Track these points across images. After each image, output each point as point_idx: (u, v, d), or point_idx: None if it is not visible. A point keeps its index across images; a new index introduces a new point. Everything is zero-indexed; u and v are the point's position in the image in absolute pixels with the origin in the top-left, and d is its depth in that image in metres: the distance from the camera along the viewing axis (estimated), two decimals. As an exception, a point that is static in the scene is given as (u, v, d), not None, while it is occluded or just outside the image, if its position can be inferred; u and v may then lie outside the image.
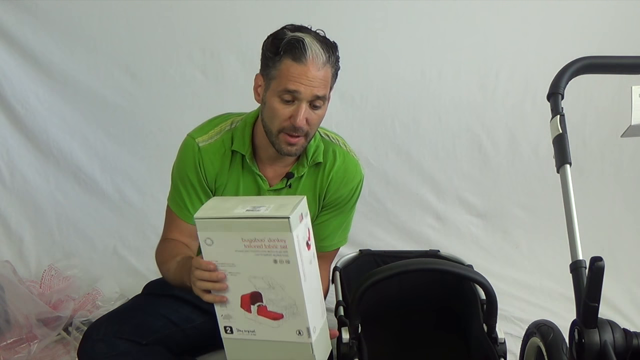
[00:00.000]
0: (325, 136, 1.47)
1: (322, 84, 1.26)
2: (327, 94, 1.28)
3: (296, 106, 1.26)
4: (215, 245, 1.07)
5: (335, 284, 1.60)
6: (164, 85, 2.33)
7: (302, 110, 1.26)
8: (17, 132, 2.29)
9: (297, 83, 1.23)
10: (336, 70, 1.31)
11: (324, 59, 1.24)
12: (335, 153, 1.45)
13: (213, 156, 1.39)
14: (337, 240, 1.54)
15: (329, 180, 1.44)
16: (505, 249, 2.41)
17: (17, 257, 2.18)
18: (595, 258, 1.01)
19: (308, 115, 1.27)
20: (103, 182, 2.34)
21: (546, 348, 1.23)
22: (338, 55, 1.31)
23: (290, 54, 1.23)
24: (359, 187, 1.50)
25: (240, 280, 1.08)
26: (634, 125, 1.22)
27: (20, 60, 2.24)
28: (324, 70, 1.25)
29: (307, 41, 1.23)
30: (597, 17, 2.37)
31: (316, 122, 1.31)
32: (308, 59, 1.22)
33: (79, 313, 1.81)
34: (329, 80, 1.29)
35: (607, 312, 1.99)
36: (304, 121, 1.27)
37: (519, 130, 2.47)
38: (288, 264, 1.04)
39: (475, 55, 2.41)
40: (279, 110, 1.27)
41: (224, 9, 2.27)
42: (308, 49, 1.22)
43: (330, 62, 1.26)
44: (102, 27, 2.27)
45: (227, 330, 1.14)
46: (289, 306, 1.08)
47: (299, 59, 1.22)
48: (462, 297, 1.62)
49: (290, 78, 1.24)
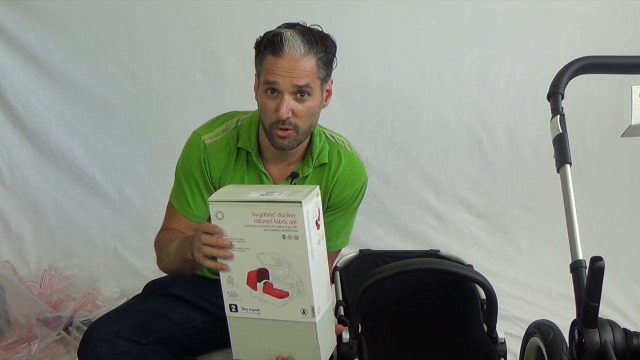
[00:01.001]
0: (330, 137, 1.48)
1: (303, 74, 1.27)
2: (310, 82, 1.28)
3: (279, 99, 1.28)
4: (225, 220, 1.09)
5: (335, 284, 1.60)
6: (164, 85, 2.33)
7: (285, 102, 1.27)
8: (17, 132, 2.29)
9: (275, 75, 1.26)
10: (325, 60, 1.31)
11: (302, 51, 1.26)
12: (340, 154, 1.46)
13: (219, 153, 1.40)
14: (340, 241, 1.55)
15: (334, 181, 1.45)
16: (505, 249, 2.41)
17: (17, 257, 2.18)
18: (595, 258, 1.01)
19: (293, 107, 1.28)
20: (103, 182, 2.34)
21: (546, 348, 1.22)
22: (328, 46, 1.31)
23: (269, 49, 1.27)
24: (363, 189, 1.51)
25: (248, 256, 1.09)
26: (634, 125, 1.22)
27: (20, 60, 2.25)
28: (304, 61, 1.26)
29: (286, 35, 1.26)
30: (597, 17, 2.38)
31: (305, 114, 1.31)
32: (285, 52, 1.25)
33: (79, 313, 1.81)
34: (314, 70, 1.29)
35: (607, 312, 1.99)
36: (289, 113, 1.28)
37: (519, 130, 2.47)
38: (297, 240, 1.05)
39: (475, 55, 2.41)
40: (266, 105, 1.30)
41: (224, 9, 2.27)
42: (285, 42, 1.25)
43: (313, 53, 1.27)
44: (102, 27, 2.27)
45: (232, 308, 1.14)
46: (295, 284, 1.09)
47: (276, 52, 1.25)
48: (462, 297, 1.62)
49: (270, 71, 1.26)
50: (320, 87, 1.32)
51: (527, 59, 2.40)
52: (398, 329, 1.69)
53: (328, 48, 1.31)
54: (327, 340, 1.20)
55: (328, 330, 1.21)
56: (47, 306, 1.80)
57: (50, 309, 1.79)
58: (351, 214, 1.53)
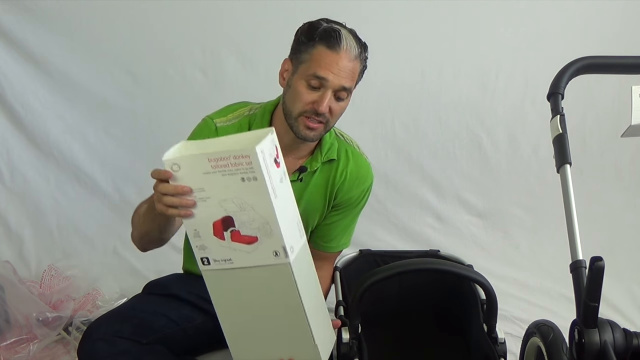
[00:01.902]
0: (340, 136, 1.50)
1: (350, 75, 1.29)
2: (352, 86, 1.32)
3: (322, 93, 1.28)
4: (182, 171, 1.05)
5: (335, 284, 1.60)
6: (164, 85, 2.33)
7: (327, 97, 1.28)
8: (17, 132, 2.29)
9: (327, 70, 1.26)
10: (364, 68, 1.35)
11: (356, 52, 1.28)
12: (348, 153, 1.47)
13: None
14: (342, 241, 1.56)
15: (342, 180, 1.46)
16: (505, 249, 2.41)
17: (17, 257, 2.18)
18: (595, 258, 1.01)
19: (331, 104, 1.30)
20: (103, 182, 2.34)
21: (546, 348, 1.22)
22: (367, 56, 1.34)
23: (325, 41, 1.27)
24: (369, 190, 1.52)
25: (211, 205, 1.06)
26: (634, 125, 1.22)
27: (20, 60, 2.24)
28: (354, 63, 1.29)
29: (343, 32, 1.28)
30: (597, 17, 2.37)
31: (338, 113, 1.34)
32: (342, 49, 1.26)
33: (79, 313, 1.81)
34: (357, 75, 1.32)
35: (607, 312, 1.99)
36: (327, 108, 1.29)
37: (519, 130, 2.47)
38: (256, 181, 1.01)
39: (475, 55, 2.41)
40: (303, 95, 1.29)
41: (224, 9, 2.27)
42: (343, 39, 1.26)
43: (360, 58, 1.30)
44: (102, 27, 2.27)
45: (204, 261, 1.11)
46: (261, 227, 1.06)
47: (333, 47, 1.26)
48: (462, 297, 1.62)
49: (322, 64, 1.26)
50: (352, 92, 1.35)
51: (527, 59, 2.40)
52: (398, 329, 1.69)
53: (367, 57, 1.35)
54: (324, 333, 1.20)
55: (323, 324, 1.20)
56: (47, 306, 1.80)
57: (50, 309, 1.79)
58: (355, 215, 1.54)
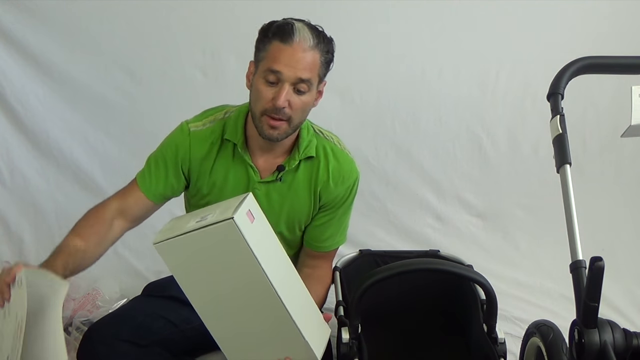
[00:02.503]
0: (319, 132, 1.47)
1: (307, 67, 1.27)
2: (312, 78, 1.28)
3: (279, 87, 1.27)
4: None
5: (335, 284, 1.60)
6: (164, 85, 2.33)
7: (284, 91, 1.26)
8: (17, 132, 2.29)
9: (281, 64, 1.25)
10: (327, 59, 1.32)
11: (311, 43, 1.26)
12: (328, 150, 1.45)
13: (202, 142, 1.41)
14: (337, 239, 1.55)
15: (325, 179, 1.44)
16: (505, 249, 2.41)
17: (17, 257, 2.17)
18: (595, 258, 1.01)
19: (291, 98, 1.28)
20: (103, 182, 2.34)
21: (546, 348, 1.23)
22: (331, 47, 1.32)
23: (278, 36, 1.26)
24: (355, 185, 1.50)
25: None
26: (634, 125, 1.22)
27: (20, 60, 2.24)
28: (311, 54, 1.27)
29: (297, 25, 1.26)
30: (597, 17, 2.37)
31: (300, 108, 1.31)
32: (295, 41, 1.25)
33: (79, 313, 1.81)
34: (317, 66, 1.29)
35: (607, 312, 1.99)
36: (286, 102, 1.28)
37: (519, 130, 2.46)
38: None
39: (475, 55, 2.40)
40: (262, 92, 1.29)
41: (224, 9, 2.27)
42: (296, 31, 1.25)
43: (319, 48, 1.28)
44: (102, 27, 2.27)
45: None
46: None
47: (285, 40, 1.25)
48: (462, 297, 1.62)
49: (275, 59, 1.26)
50: (316, 85, 1.32)
51: (527, 59, 2.40)
52: (398, 329, 1.69)
53: (330, 49, 1.32)
54: (313, 327, 1.22)
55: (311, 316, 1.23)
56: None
57: (50, 309, 1.79)
58: (345, 212, 1.52)
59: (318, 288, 1.50)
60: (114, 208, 1.44)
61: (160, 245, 1.15)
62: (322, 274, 1.55)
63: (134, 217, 1.46)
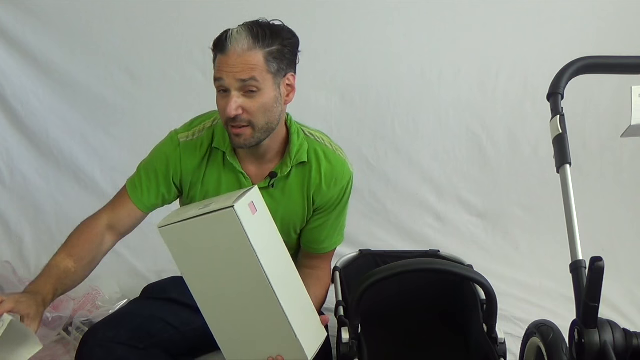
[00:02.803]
0: (310, 135, 1.45)
1: (247, 67, 1.25)
2: (256, 76, 1.26)
3: (227, 96, 1.28)
4: None
5: (335, 284, 1.60)
6: (164, 85, 2.33)
7: (232, 99, 1.26)
8: (17, 132, 2.29)
9: (221, 71, 1.26)
10: (278, 54, 1.28)
11: (246, 45, 1.25)
12: (320, 153, 1.43)
13: (193, 152, 1.41)
14: (335, 239, 1.54)
15: (317, 182, 1.43)
16: (505, 249, 2.41)
17: (17, 257, 2.18)
18: (595, 258, 1.01)
19: (243, 104, 1.27)
20: (103, 182, 2.34)
21: (546, 348, 1.23)
22: (284, 39, 1.29)
23: (218, 48, 1.28)
24: (349, 186, 1.48)
25: None
26: (634, 125, 1.22)
27: (20, 60, 2.24)
28: (249, 55, 1.25)
29: (232, 32, 1.27)
30: (597, 17, 2.37)
31: (257, 110, 1.28)
32: (228, 48, 1.25)
33: (79, 313, 1.80)
34: (262, 64, 1.26)
35: (607, 312, 1.99)
36: (238, 109, 1.26)
37: (519, 130, 2.46)
38: None
39: (475, 55, 2.41)
40: (218, 104, 1.30)
41: (224, 9, 2.27)
42: (229, 38, 1.25)
43: (259, 46, 1.25)
44: (102, 27, 2.27)
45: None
46: None
47: (222, 50, 1.26)
48: (462, 297, 1.62)
49: (217, 69, 1.27)
50: (273, 81, 1.29)
51: (527, 59, 2.40)
52: (398, 329, 1.69)
53: (284, 41, 1.29)
54: (307, 326, 1.22)
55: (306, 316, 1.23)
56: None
57: (50, 309, 1.79)
58: (341, 211, 1.51)
59: (317, 289, 1.49)
60: (105, 223, 1.44)
61: (164, 229, 1.18)
62: (322, 274, 1.54)
63: (125, 229, 1.46)
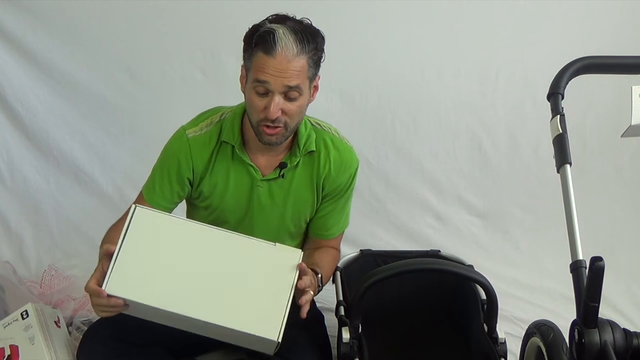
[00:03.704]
0: (317, 125, 1.47)
1: (295, 74, 1.26)
2: (300, 84, 1.28)
3: (270, 98, 1.27)
4: None
5: (336, 284, 1.60)
6: (164, 85, 2.33)
7: (275, 102, 1.26)
8: (17, 132, 2.29)
9: (267, 74, 1.25)
10: (315, 58, 1.30)
11: (295, 51, 1.24)
12: (328, 142, 1.45)
13: (202, 147, 1.41)
14: (342, 224, 1.57)
15: (327, 170, 1.45)
16: (505, 249, 2.41)
17: (17, 257, 2.18)
18: (595, 258, 1.01)
19: (283, 107, 1.28)
20: (103, 182, 2.34)
21: (546, 348, 1.23)
22: (318, 43, 1.29)
23: (261, 47, 1.25)
24: (356, 173, 1.52)
25: None
26: (634, 125, 1.22)
27: (20, 60, 2.24)
28: (297, 60, 1.25)
29: (278, 33, 1.24)
30: (597, 17, 2.37)
31: (295, 113, 1.31)
32: (277, 51, 1.23)
33: (79, 313, 1.80)
34: (305, 70, 1.28)
35: (607, 312, 1.99)
36: (279, 112, 1.28)
37: (519, 130, 2.46)
38: None
39: (475, 55, 2.40)
40: (254, 102, 1.29)
41: (224, 9, 2.27)
42: (278, 41, 1.23)
43: (305, 52, 1.26)
44: (102, 27, 2.27)
45: None
46: None
47: (269, 51, 1.24)
48: (462, 297, 1.62)
49: (261, 69, 1.25)
50: (309, 85, 1.31)
51: (527, 59, 2.40)
52: (398, 329, 1.69)
53: (318, 45, 1.30)
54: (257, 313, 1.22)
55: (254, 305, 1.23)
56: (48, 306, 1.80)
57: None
58: (347, 199, 1.54)
59: (330, 259, 1.54)
60: None
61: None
62: (329, 259, 1.57)
63: None
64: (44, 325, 1.42)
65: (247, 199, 1.45)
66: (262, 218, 1.48)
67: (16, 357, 1.37)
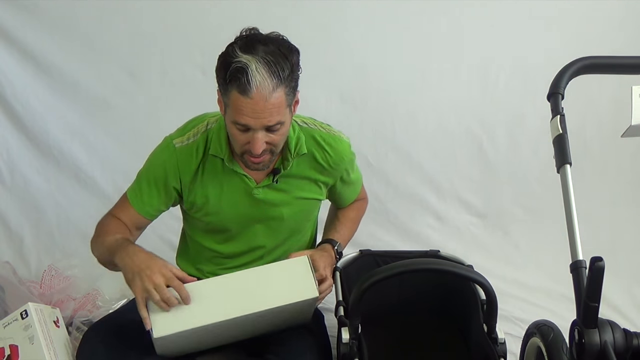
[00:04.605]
0: (303, 124, 1.45)
1: (274, 111, 1.22)
2: (281, 118, 1.24)
3: (251, 135, 1.25)
4: None
5: (336, 284, 1.60)
6: (164, 85, 2.33)
7: (258, 138, 1.25)
8: (17, 132, 2.29)
9: (245, 117, 1.21)
10: (293, 85, 1.25)
11: (271, 87, 1.18)
12: (319, 140, 1.44)
13: (189, 157, 1.40)
14: (357, 190, 1.65)
15: (322, 167, 1.46)
16: (505, 249, 2.41)
17: (17, 258, 2.18)
18: (595, 258, 1.01)
19: (267, 139, 1.27)
20: (103, 182, 2.34)
21: (546, 348, 1.22)
22: (293, 64, 1.22)
23: (236, 86, 1.19)
24: (353, 156, 1.53)
25: None
26: (634, 125, 1.22)
27: (20, 60, 2.24)
28: (274, 97, 1.19)
29: (251, 69, 1.16)
30: (597, 17, 2.38)
31: (278, 140, 1.30)
32: (253, 92, 1.17)
33: (79, 313, 1.80)
34: (283, 102, 1.22)
35: (607, 312, 1.99)
36: (262, 147, 1.26)
37: (519, 130, 2.47)
38: None
39: (475, 55, 2.41)
40: (237, 137, 1.28)
41: (224, 10, 2.27)
42: (252, 79, 1.16)
43: (281, 83, 1.19)
44: (102, 27, 2.27)
45: None
46: None
47: (244, 92, 1.18)
48: (462, 298, 1.61)
49: (239, 111, 1.21)
50: (289, 110, 1.28)
51: (527, 59, 2.40)
52: (398, 329, 1.69)
53: (294, 67, 1.23)
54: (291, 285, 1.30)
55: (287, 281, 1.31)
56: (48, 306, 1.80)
57: (50, 309, 1.79)
58: (355, 173, 1.59)
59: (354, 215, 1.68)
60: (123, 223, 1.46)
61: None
62: (355, 204, 1.69)
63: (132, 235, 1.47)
64: (44, 325, 1.42)
65: (245, 206, 1.44)
66: (265, 222, 1.48)
67: (16, 357, 1.37)
